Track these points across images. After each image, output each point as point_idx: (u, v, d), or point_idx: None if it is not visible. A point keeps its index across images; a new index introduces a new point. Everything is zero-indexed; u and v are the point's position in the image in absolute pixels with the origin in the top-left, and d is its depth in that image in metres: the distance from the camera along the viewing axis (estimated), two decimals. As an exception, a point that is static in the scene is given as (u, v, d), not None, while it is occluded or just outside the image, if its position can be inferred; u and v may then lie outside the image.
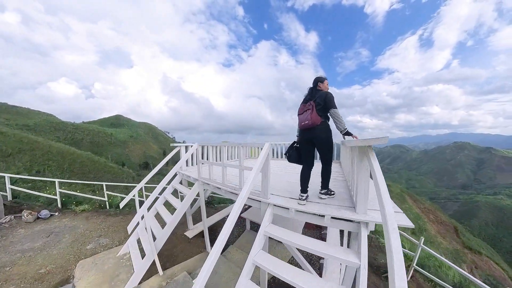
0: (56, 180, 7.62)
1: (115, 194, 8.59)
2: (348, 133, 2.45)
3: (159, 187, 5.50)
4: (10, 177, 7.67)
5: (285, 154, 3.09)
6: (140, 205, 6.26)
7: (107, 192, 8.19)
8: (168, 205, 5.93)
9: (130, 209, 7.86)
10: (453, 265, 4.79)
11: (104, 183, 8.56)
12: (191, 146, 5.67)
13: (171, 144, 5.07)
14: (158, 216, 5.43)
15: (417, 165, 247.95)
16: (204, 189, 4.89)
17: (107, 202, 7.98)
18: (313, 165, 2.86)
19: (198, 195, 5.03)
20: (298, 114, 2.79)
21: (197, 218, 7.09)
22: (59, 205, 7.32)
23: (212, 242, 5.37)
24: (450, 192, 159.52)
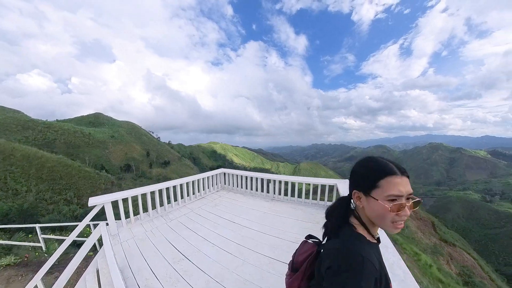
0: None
1: (58, 237, 6.20)
2: None
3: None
4: None
5: None
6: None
7: (44, 236, 6.08)
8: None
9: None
10: None
11: (37, 225, 5.93)
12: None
13: (90, 201, 2.94)
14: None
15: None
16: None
17: (43, 248, 5.97)
18: None
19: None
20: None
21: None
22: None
23: None
24: (426, 188, 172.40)
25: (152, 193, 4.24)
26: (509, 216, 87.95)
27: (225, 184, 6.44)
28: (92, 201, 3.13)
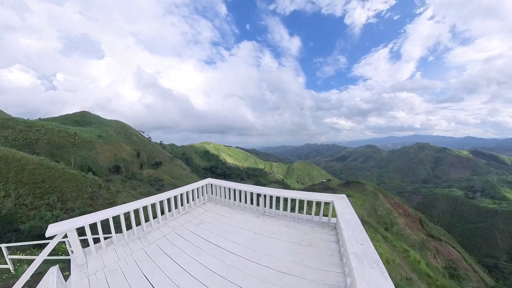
0: None
1: (29, 257, 5.57)
2: None
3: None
4: None
5: None
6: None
7: (11, 256, 5.41)
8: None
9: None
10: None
11: (3, 245, 5.36)
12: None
13: (48, 229, 2.54)
14: None
15: (386, 163, 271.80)
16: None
17: (11, 271, 5.36)
18: None
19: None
20: None
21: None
22: None
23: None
24: (414, 186, 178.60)
25: (128, 212, 3.78)
26: (489, 211, 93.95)
27: (212, 194, 5.91)
28: (50, 230, 2.67)
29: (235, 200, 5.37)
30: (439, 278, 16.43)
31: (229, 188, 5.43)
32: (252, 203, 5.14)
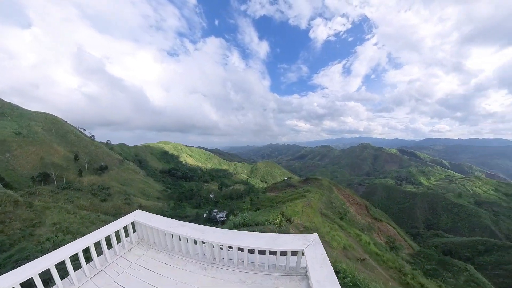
0: None
1: None
2: None
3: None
4: None
5: None
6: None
7: None
8: None
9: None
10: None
11: None
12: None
13: None
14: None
15: (338, 160, 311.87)
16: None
17: None
18: None
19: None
20: None
21: None
22: None
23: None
24: (359, 178, 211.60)
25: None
26: (411, 194, 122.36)
27: (143, 233, 4.09)
28: None
29: (173, 245, 3.78)
30: (385, 254, 19.42)
31: (164, 232, 3.74)
32: (196, 242, 3.52)
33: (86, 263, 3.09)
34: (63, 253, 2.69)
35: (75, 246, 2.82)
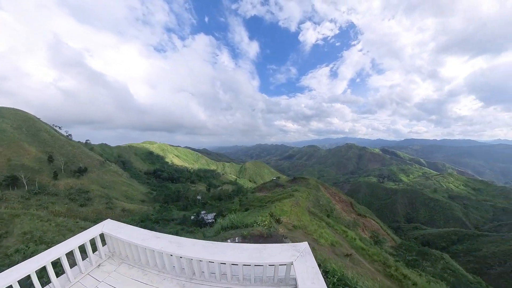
0: None
1: None
2: None
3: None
4: None
5: None
6: None
7: None
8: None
9: None
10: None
11: None
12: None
13: None
14: None
15: (325, 160, 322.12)
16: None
17: None
18: None
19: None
20: None
21: None
22: None
23: None
24: (345, 177, 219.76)
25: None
26: (392, 190, 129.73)
27: (114, 246, 3.54)
28: None
29: (148, 259, 3.24)
30: (370, 248, 20.21)
31: (136, 246, 3.18)
32: (173, 255, 3.11)
33: (42, 287, 2.51)
34: (11, 275, 2.13)
35: (28, 266, 2.25)
